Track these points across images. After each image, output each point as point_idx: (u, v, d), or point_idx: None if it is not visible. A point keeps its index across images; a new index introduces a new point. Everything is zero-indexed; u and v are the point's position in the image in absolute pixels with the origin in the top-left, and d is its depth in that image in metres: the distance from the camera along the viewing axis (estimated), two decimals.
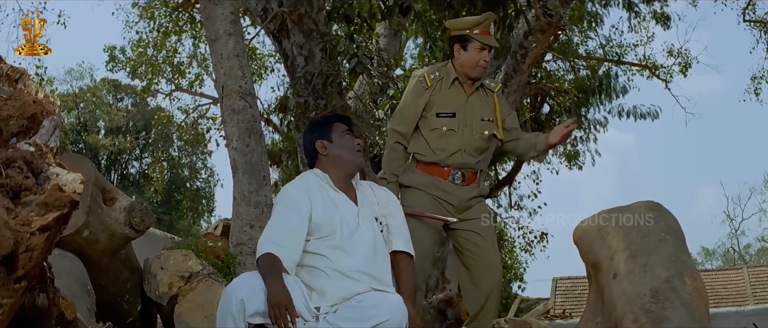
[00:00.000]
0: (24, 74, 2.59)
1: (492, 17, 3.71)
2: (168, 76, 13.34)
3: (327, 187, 2.86)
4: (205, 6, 6.68)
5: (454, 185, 3.64)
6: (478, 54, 3.65)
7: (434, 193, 3.62)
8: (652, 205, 3.22)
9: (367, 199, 2.92)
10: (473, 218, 3.69)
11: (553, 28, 8.25)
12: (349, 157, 2.91)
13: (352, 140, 2.94)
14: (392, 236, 2.90)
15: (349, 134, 2.96)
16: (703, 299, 2.89)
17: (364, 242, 2.77)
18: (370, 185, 3.04)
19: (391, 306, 2.52)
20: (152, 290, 4.25)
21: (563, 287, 18.01)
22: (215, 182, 25.09)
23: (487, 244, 3.67)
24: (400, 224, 2.95)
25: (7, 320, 2.08)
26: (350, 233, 2.76)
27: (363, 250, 2.74)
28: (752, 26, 12.98)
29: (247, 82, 6.41)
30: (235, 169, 6.27)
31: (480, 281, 3.62)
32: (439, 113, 3.66)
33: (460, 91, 3.71)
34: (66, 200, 2.22)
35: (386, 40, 9.56)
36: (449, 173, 3.64)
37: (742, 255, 32.37)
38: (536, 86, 11.81)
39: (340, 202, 2.83)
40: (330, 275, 2.66)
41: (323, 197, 2.82)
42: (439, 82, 3.70)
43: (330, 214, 2.77)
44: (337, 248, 2.72)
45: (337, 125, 2.97)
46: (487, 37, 3.66)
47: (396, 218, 2.95)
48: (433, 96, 3.67)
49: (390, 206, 2.97)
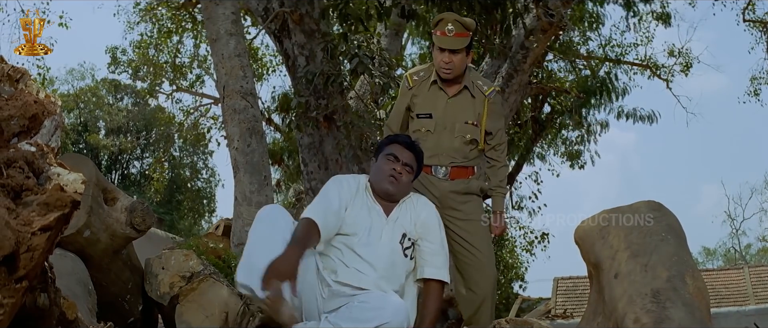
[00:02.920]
0: (25, 74, 2.59)
1: (449, 18, 3.58)
2: (169, 77, 13.34)
3: (368, 195, 2.99)
4: (206, 6, 6.68)
5: (437, 179, 3.61)
6: (439, 55, 3.58)
7: (418, 187, 3.53)
8: (654, 205, 3.21)
9: (403, 217, 2.99)
10: (467, 218, 3.63)
11: (555, 28, 8.26)
12: (377, 181, 3.00)
13: (388, 165, 2.99)
14: (424, 263, 2.95)
15: (392, 160, 3.00)
16: (704, 298, 2.88)
17: (379, 255, 2.83)
18: (416, 204, 3.07)
19: (393, 308, 2.54)
20: (153, 290, 4.25)
21: (564, 287, 18.00)
22: (216, 182, 25.14)
23: (481, 248, 3.63)
24: (435, 249, 2.98)
25: (8, 320, 2.08)
26: (369, 242, 2.84)
27: (377, 262, 2.81)
28: (752, 26, 12.97)
29: (248, 82, 6.42)
30: (237, 169, 6.27)
31: (474, 286, 3.59)
32: (418, 114, 3.66)
33: (441, 93, 3.64)
34: (67, 199, 2.22)
35: (387, 39, 9.55)
36: (432, 169, 3.62)
37: (743, 255, 32.34)
38: (537, 86, 11.81)
39: (374, 212, 2.95)
40: (339, 265, 2.77)
41: (362, 200, 2.96)
42: (421, 83, 3.65)
43: (360, 217, 2.89)
44: (352, 250, 2.81)
45: (392, 147, 3.05)
46: (442, 39, 3.55)
47: (433, 243, 2.99)
48: (414, 97, 3.65)
49: (428, 230, 3.01)
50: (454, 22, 3.54)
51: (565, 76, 13.08)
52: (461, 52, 3.57)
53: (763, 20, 12.80)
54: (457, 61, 3.56)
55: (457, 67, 3.58)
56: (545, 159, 14.44)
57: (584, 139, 13.55)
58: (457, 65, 3.57)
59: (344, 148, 7.28)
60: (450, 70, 3.58)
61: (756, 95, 13.69)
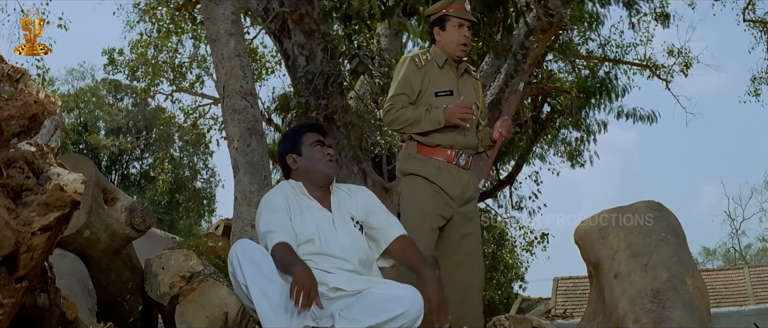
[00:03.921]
0: (25, 74, 2.59)
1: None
2: (169, 78, 13.33)
3: (301, 196, 2.89)
4: (206, 6, 6.68)
5: (459, 169, 3.57)
6: (457, 31, 3.61)
7: (440, 182, 3.52)
8: (653, 205, 3.21)
9: (343, 203, 2.93)
10: (469, 218, 3.62)
11: (555, 28, 8.26)
12: (318, 169, 2.91)
13: (321, 151, 2.92)
14: (383, 230, 2.89)
15: (319, 145, 2.93)
16: (704, 298, 2.88)
17: (341, 244, 2.78)
18: (348, 188, 3.03)
19: (411, 297, 2.54)
20: (153, 290, 4.25)
21: (564, 287, 18.00)
22: (216, 183, 25.13)
23: (472, 252, 3.60)
24: (385, 216, 2.94)
25: (8, 320, 2.08)
26: (327, 239, 2.78)
27: (343, 252, 2.77)
28: (752, 26, 12.97)
29: (248, 82, 6.41)
30: (236, 169, 6.26)
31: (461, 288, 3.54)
32: (437, 92, 3.59)
33: (451, 73, 3.67)
34: (67, 200, 2.22)
35: (387, 40, 9.55)
36: (455, 156, 3.57)
37: (743, 255, 32.34)
38: (537, 86, 11.82)
39: (314, 209, 2.86)
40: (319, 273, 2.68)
41: (299, 205, 2.85)
42: (430, 63, 3.64)
43: (306, 221, 2.81)
44: (318, 254, 2.75)
45: (307, 137, 2.95)
46: (463, 12, 3.60)
47: (378, 214, 2.94)
48: (426, 76, 3.61)
49: (369, 204, 2.96)
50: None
51: (565, 76, 13.09)
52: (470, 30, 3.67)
53: (763, 20, 12.79)
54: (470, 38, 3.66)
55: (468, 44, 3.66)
56: (545, 159, 14.46)
57: (584, 139, 13.56)
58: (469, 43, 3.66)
59: (344, 148, 7.28)
60: (467, 48, 3.65)
61: (756, 95, 13.70)
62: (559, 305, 16.06)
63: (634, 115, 12.79)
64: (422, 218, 3.50)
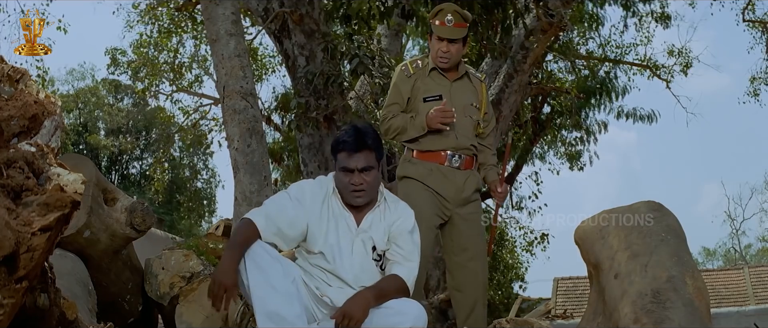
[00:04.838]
0: (25, 75, 2.59)
1: (449, 9, 3.64)
2: (169, 78, 13.33)
3: (335, 201, 2.80)
4: (206, 6, 6.68)
5: (452, 169, 3.63)
6: (437, 44, 3.66)
7: (432, 184, 3.59)
8: (653, 205, 3.22)
9: (374, 226, 2.80)
10: (469, 219, 3.66)
11: (555, 29, 8.26)
12: (343, 196, 2.79)
13: (347, 179, 2.75)
14: (391, 265, 2.77)
15: (345, 173, 2.76)
16: (704, 299, 2.88)
17: (351, 268, 2.72)
18: (390, 207, 2.86)
19: (415, 313, 2.53)
20: (153, 290, 4.26)
21: (564, 287, 18.01)
22: (216, 183, 25.13)
23: (476, 251, 3.64)
24: (402, 253, 2.78)
25: (8, 320, 2.08)
26: (341, 260, 2.73)
27: (350, 277, 2.72)
28: (752, 26, 12.98)
29: (249, 82, 6.40)
30: (237, 169, 6.26)
31: (465, 287, 3.62)
32: (425, 98, 3.67)
33: (442, 78, 3.71)
34: (67, 200, 2.22)
35: (387, 40, 9.55)
36: (446, 157, 3.63)
37: (743, 255, 32.34)
38: (537, 87, 11.81)
39: (341, 221, 2.78)
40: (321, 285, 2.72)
41: (331, 209, 2.78)
42: (420, 71, 3.71)
43: (328, 230, 2.74)
44: (327, 271, 2.74)
45: (339, 158, 2.77)
46: (441, 29, 3.62)
47: (401, 247, 2.78)
48: (416, 83, 3.69)
49: (398, 234, 2.80)
50: (454, 12, 3.63)
51: (564, 76, 13.09)
52: (458, 43, 3.67)
53: (763, 20, 12.80)
54: (454, 50, 3.66)
55: (453, 56, 3.67)
56: (545, 159, 14.46)
57: (584, 140, 13.56)
58: (453, 55, 3.67)
59: None
60: (447, 60, 3.67)
61: (755, 96, 13.69)
62: (559, 305, 16.05)
63: (634, 115, 12.80)
64: (419, 219, 3.52)
